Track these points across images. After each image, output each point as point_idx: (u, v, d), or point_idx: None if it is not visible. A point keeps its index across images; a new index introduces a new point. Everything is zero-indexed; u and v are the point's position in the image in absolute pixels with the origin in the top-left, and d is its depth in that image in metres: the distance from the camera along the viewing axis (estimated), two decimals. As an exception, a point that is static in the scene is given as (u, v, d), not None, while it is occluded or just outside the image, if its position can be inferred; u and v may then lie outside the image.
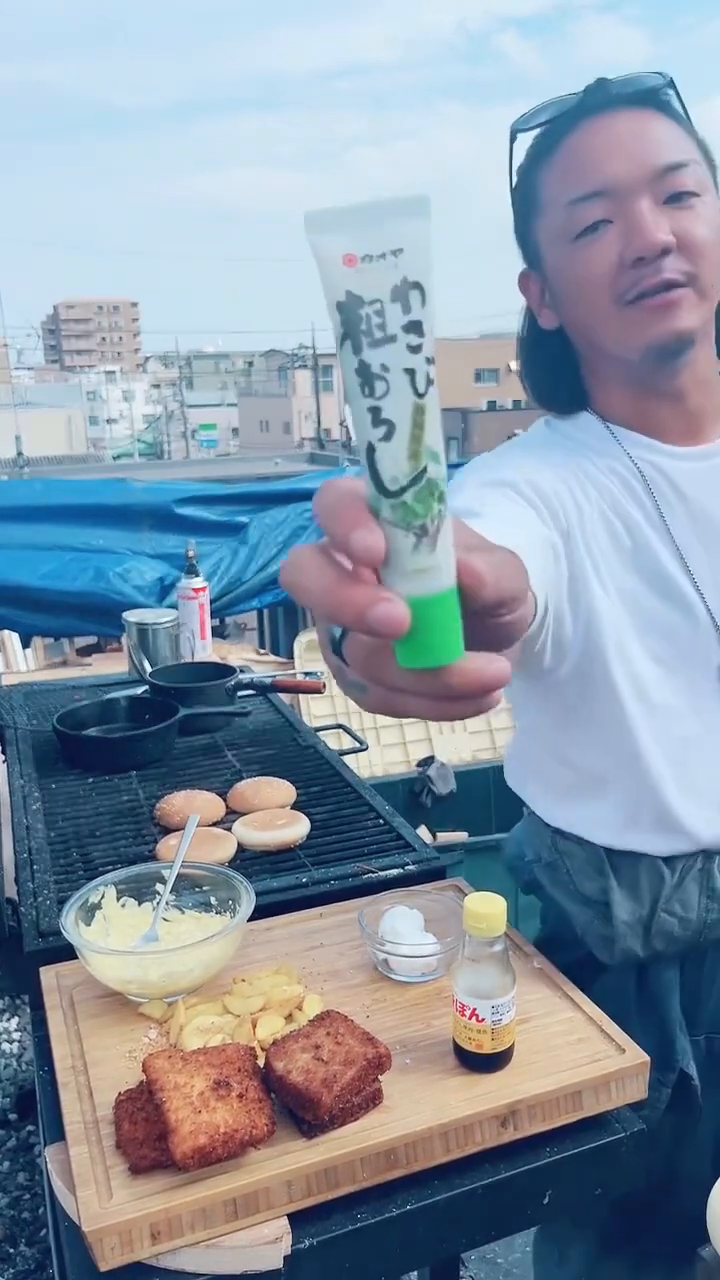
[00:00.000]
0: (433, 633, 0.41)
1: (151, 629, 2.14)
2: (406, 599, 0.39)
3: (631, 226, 0.88)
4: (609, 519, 0.96)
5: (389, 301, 0.38)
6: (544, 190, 0.95)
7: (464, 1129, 0.86)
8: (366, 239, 0.38)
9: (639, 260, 0.88)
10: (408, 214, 0.38)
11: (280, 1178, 0.80)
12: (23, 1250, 1.93)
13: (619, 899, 1.04)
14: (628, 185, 0.89)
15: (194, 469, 8.41)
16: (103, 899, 1.10)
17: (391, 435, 0.39)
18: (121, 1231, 0.76)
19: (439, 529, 0.40)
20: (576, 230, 0.91)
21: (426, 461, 0.39)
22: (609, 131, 0.91)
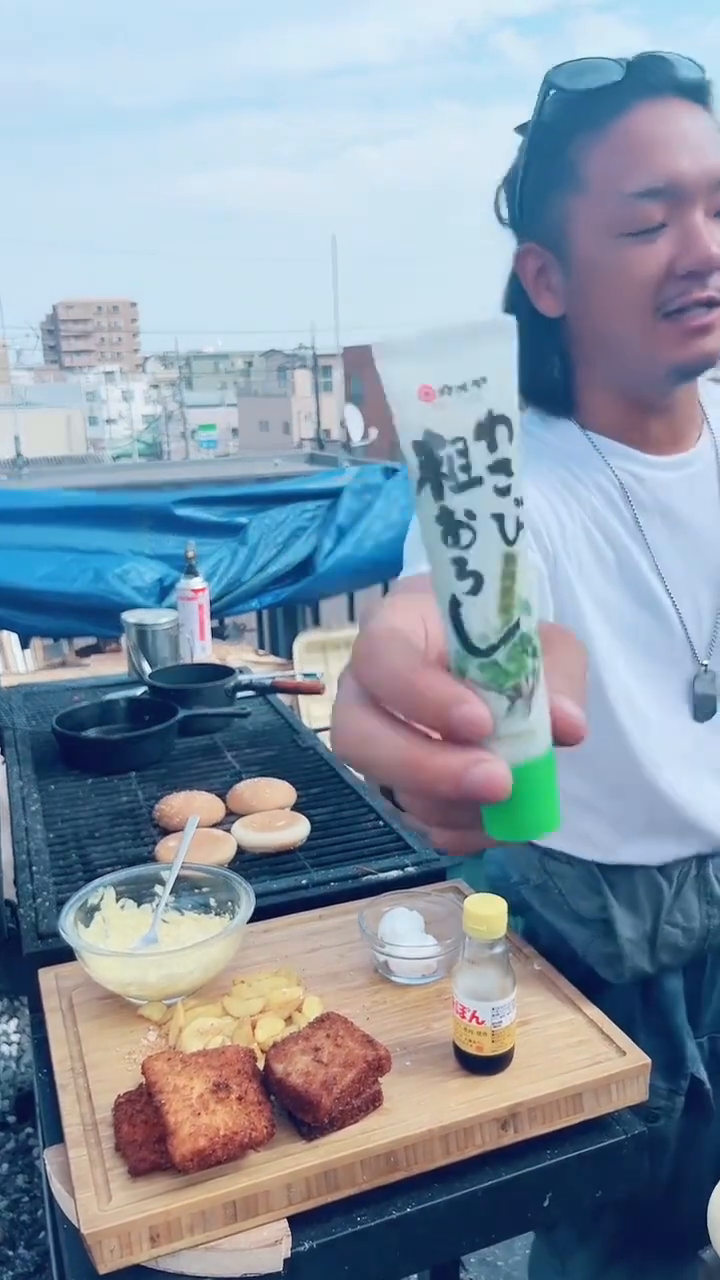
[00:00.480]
0: (529, 802, 0.37)
1: (151, 630, 2.14)
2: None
3: (689, 235, 0.84)
4: (590, 532, 0.95)
5: (473, 440, 0.34)
6: (588, 168, 0.87)
7: (464, 1131, 0.85)
8: (445, 368, 0.34)
9: (691, 273, 0.84)
10: (490, 338, 0.34)
11: (280, 1180, 0.80)
12: (21, 1253, 1.93)
13: (620, 915, 1.02)
14: (692, 188, 0.84)
15: (193, 469, 8.42)
16: (102, 901, 1.10)
17: (480, 588, 0.35)
18: (120, 1234, 0.76)
19: (534, 688, 0.36)
20: (632, 227, 0.85)
21: (519, 615, 0.36)
22: (674, 123, 0.84)
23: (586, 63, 0.86)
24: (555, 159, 0.89)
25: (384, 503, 3.49)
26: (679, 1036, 1.06)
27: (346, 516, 3.48)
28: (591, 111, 0.86)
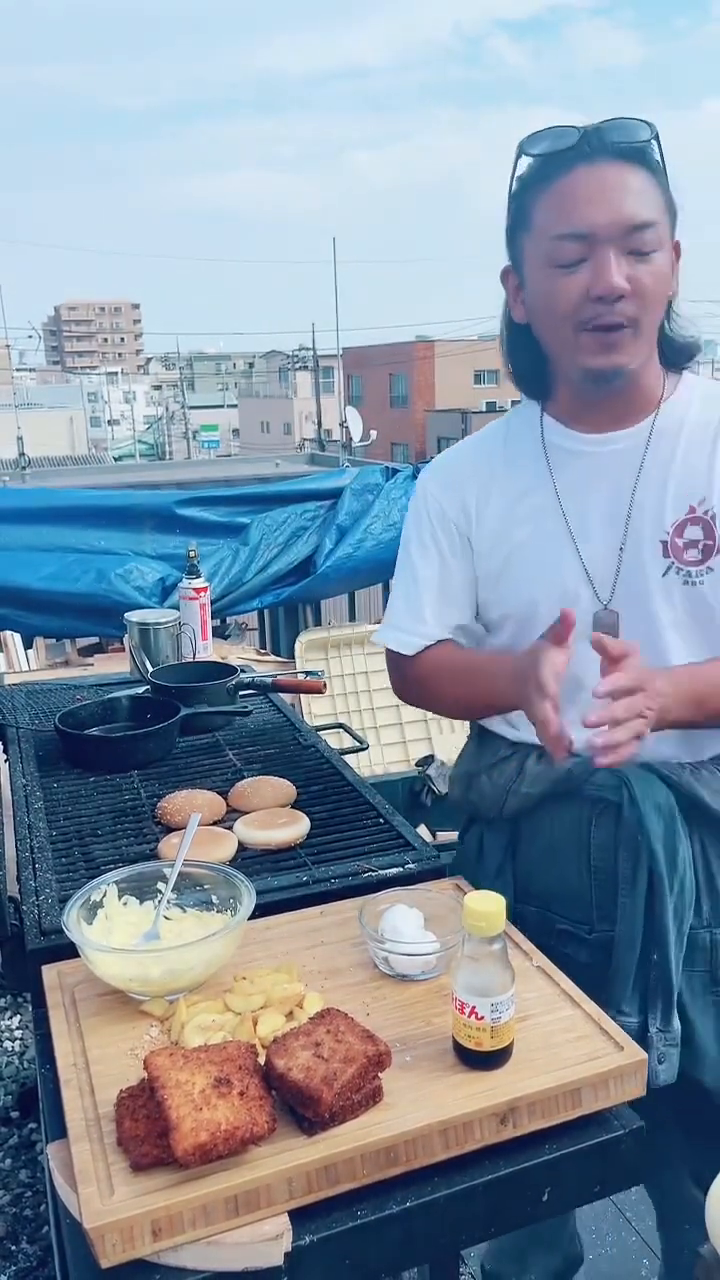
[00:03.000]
0: None
1: (153, 629, 2.15)
2: None
3: (599, 268, 1.07)
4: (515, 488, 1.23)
5: None
6: (535, 215, 1.12)
7: (464, 1126, 0.86)
8: None
9: (600, 298, 1.08)
10: None
11: (281, 1175, 0.80)
12: (24, 1247, 1.93)
13: (466, 756, 1.34)
14: (603, 234, 1.07)
15: (195, 470, 8.42)
16: (104, 897, 1.10)
17: None
18: (123, 1228, 0.76)
19: None
20: (557, 261, 1.10)
21: None
22: (597, 182, 1.08)
23: (547, 132, 1.11)
24: (519, 205, 1.14)
25: (384, 503, 3.49)
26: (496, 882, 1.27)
27: (347, 516, 3.48)
28: (544, 170, 1.11)
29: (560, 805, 1.22)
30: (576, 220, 1.07)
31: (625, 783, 1.17)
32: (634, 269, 1.07)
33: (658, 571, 1.17)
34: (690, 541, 1.16)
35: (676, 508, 1.17)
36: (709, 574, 1.16)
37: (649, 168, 1.09)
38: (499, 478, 1.25)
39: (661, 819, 1.15)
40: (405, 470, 3.65)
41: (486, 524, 1.25)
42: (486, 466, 1.27)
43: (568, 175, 1.08)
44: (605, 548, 1.19)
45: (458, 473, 1.29)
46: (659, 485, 1.17)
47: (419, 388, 36.93)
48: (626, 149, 1.08)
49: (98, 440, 44.51)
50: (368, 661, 3.28)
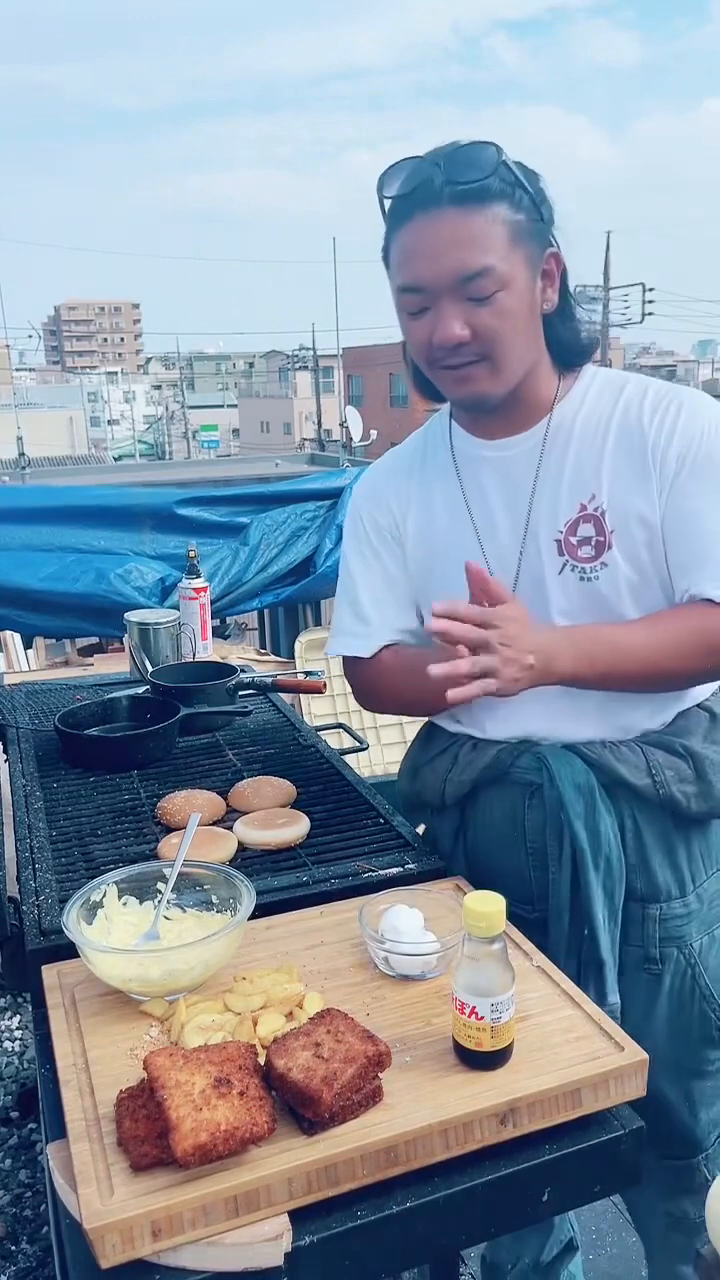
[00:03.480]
0: None
1: (153, 629, 2.15)
2: None
3: (436, 320, 1.13)
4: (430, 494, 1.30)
5: None
6: (388, 258, 1.17)
7: (464, 1126, 0.86)
8: None
9: (440, 347, 1.14)
10: None
11: (281, 1175, 0.80)
12: (24, 1248, 1.93)
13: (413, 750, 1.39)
14: (436, 287, 1.12)
15: (195, 470, 8.42)
16: (104, 898, 1.10)
17: None
18: (123, 1229, 0.76)
19: None
20: (404, 309, 1.17)
21: None
22: (431, 235, 1.10)
23: (397, 170, 1.13)
24: (385, 241, 1.17)
25: (385, 502, 3.49)
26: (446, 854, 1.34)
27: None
28: (393, 215, 1.15)
29: (497, 790, 1.27)
30: (410, 275, 1.13)
31: (544, 764, 1.21)
32: (474, 314, 1.11)
33: (554, 570, 1.21)
34: (583, 539, 1.19)
35: (569, 507, 1.20)
36: (603, 569, 1.19)
37: (491, 201, 1.10)
38: (417, 486, 1.32)
39: (581, 797, 1.18)
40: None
41: (410, 531, 1.31)
42: (406, 477, 1.34)
43: (407, 226, 1.12)
44: (508, 548, 1.24)
45: (383, 485, 1.36)
46: (553, 486, 1.21)
47: (419, 388, 36.88)
48: (464, 192, 1.09)
49: (98, 440, 44.50)
50: (368, 661, 3.27)
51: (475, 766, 1.27)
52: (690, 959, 1.25)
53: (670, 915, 1.23)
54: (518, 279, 1.13)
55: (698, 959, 1.25)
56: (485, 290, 1.11)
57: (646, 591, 1.19)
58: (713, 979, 1.26)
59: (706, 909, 1.26)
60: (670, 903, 1.23)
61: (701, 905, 1.25)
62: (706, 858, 1.26)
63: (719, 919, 1.27)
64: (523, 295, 1.14)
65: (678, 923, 1.24)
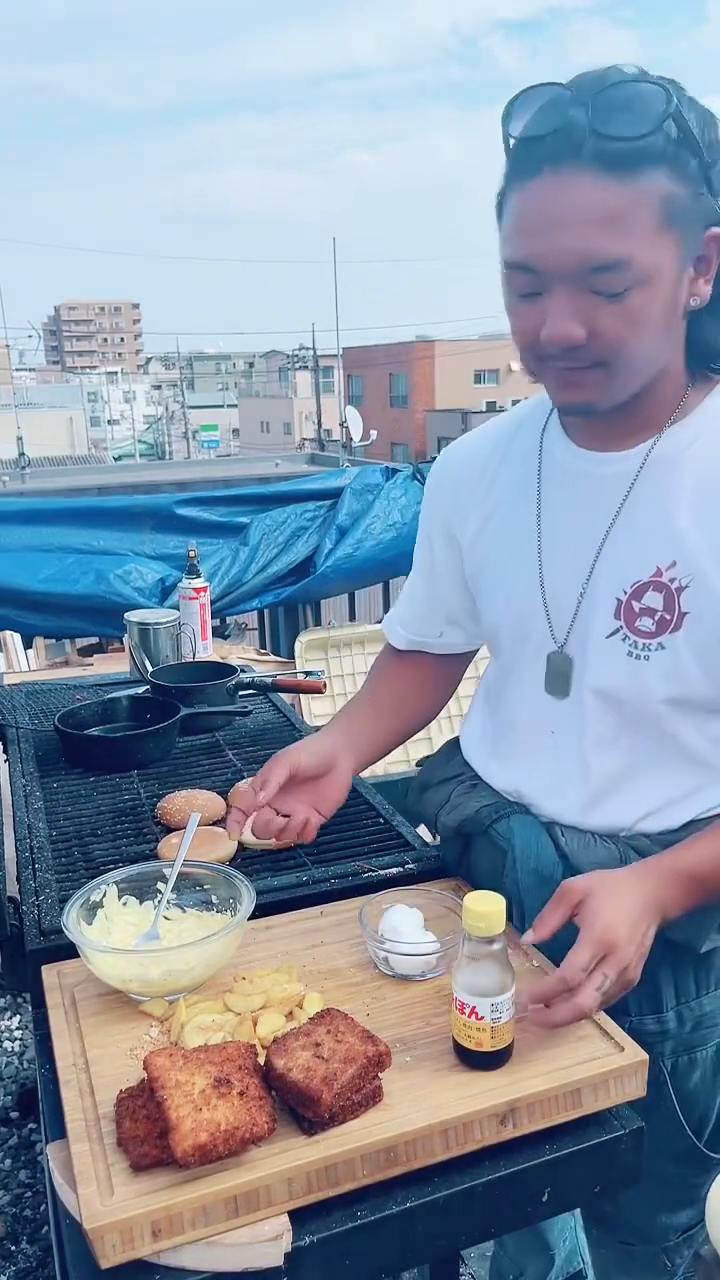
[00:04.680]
0: None
1: (153, 629, 2.15)
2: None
3: (550, 310, 0.89)
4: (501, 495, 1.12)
5: None
6: (502, 218, 0.93)
7: (464, 1127, 0.86)
8: None
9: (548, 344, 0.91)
10: None
11: (281, 1175, 0.80)
12: (24, 1248, 1.93)
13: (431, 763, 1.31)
14: (553, 272, 0.88)
15: (195, 469, 8.42)
16: (104, 898, 1.10)
17: None
18: (123, 1229, 0.76)
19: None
20: (512, 290, 0.93)
21: None
22: (555, 204, 0.86)
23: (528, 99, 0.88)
24: (500, 195, 0.93)
25: (384, 503, 3.49)
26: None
27: (347, 516, 3.49)
28: (514, 163, 0.90)
29: (484, 840, 1.17)
30: (522, 250, 0.89)
31: (510, 844, 1.10)
32: (597, 311, 0.88)
33: (603, 631, 1.02)
34: (646, 609, 0.99)
35: (641, 565, 0.99)
36: (658, 651, 0.98)
37: (647, 166, 0.84)
38: (490, 480, 1.13)
39: (540, 888, 1.05)
40: (405, 470, 3.65)
41: (471, 523, 1.14)
42: (483, 465, 1.14)
43: (530, 184, 0.87)
44: (570, 585, 1.04)
45: (456, 470, 1.18)
46: (631, 530, 1.00)
47: (419, 388, 36.94)
48: (613, 152, 0.83)
49: (97, 440, 44.51)
50: (368, 661, 3.26)
51: (459, 814, 1.17)
52: (659, 1077, 1.06)
53: (640, 1029, 1.05)
54: (662, 273, 0.87)
55: (667, 1078, 1.08)
56: (616, 286, 0.86)
57: (706, 686, 0.98)
58: (684, 1101, 1.09)
59: (688, 1031, 1.08)
60: (641, 1018, 1.06)
61: (681, 1026, 1.07)
62: (700, 978, 1.07)
63: (704, 1043, 1.09)
64: (665, 292, 0.88)
65: (648, 1038, 1.04)
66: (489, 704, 1.22)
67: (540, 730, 1.11)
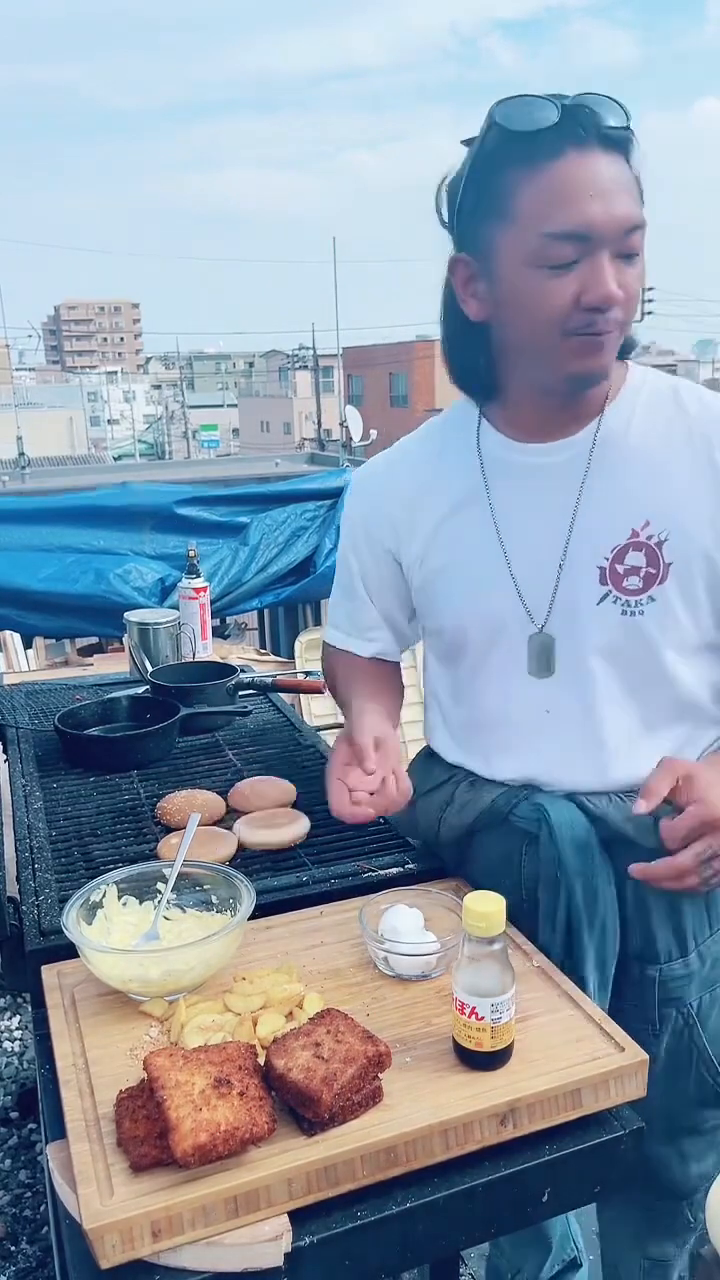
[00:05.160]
0: None
1: (152, 629, 2.15)
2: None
3: (595, 274, 0.97)
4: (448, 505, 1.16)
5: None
6: (518, 202, 0.98)
7: (464, 1127, 0.86)
8: None
9: (594, 308, 0.98)
10: None
11: (281, 1175, 0.80)
12: (24, 1248, 1.93)
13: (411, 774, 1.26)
14: (602, 234, 0.96)
15: (194, 469, 8.42)
16: (104, 898, 1.10)
17: None
18: (122, 1229, 0.76)
19: None
20: (549, 262, 0.98)
21: None
22: (595, 173, 0.96)
23: (527, 102, 0.97)
24: (490, 187, 1.01)
25: (385, 502, 3.50)
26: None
27: (347, 516, 3.49)
28: (526, 150, 0.97)
29: (493, 833, 1.19)
30: (576, 218, 0.95)
31: (543, 816, 1.12)
32: (623, 274, 0.98)
33: (592, 599, 1.09)
34: (631, 568, 1.07)
35: (618, 531, 1.07)
36: (650, 604, 1.07)
37: (630, 151, 0.98)
38: (430, 491, 1.17)
39: (579, 854, 1.10)
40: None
41: (416, 541, 1.18)
42: (415, 478, 1.19)
43: (559, 161, 0.95)
44: (542, 568, 1.10)
45: (385, 484, 1.22)
46: (600, 504, 1.08)
47: (419, 388, 36.94)
48: (614, 136, 0.96)
49: (97, 440, 44.51)
50: (367, 661, 3.27)
51: (472, 810, 1.19)
52: (689, 1019, 1.17)
53: (670, 976, 1.16)
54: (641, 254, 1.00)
55: (696, 1019, 1.17)
56: (637, 247, 0.98)
57: (695, 630, 1.09)
58: (711, 1039, 1.18)
59: (708, 969, 1.18)
60: (670, 964, 1.16)
61: (703, 965, 1.17)
62: (711, 914, 1.18)
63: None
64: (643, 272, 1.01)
65: (677, 984, 1.16)
66: (460, 705, 1.24)
67: (534, 712, 1.15)
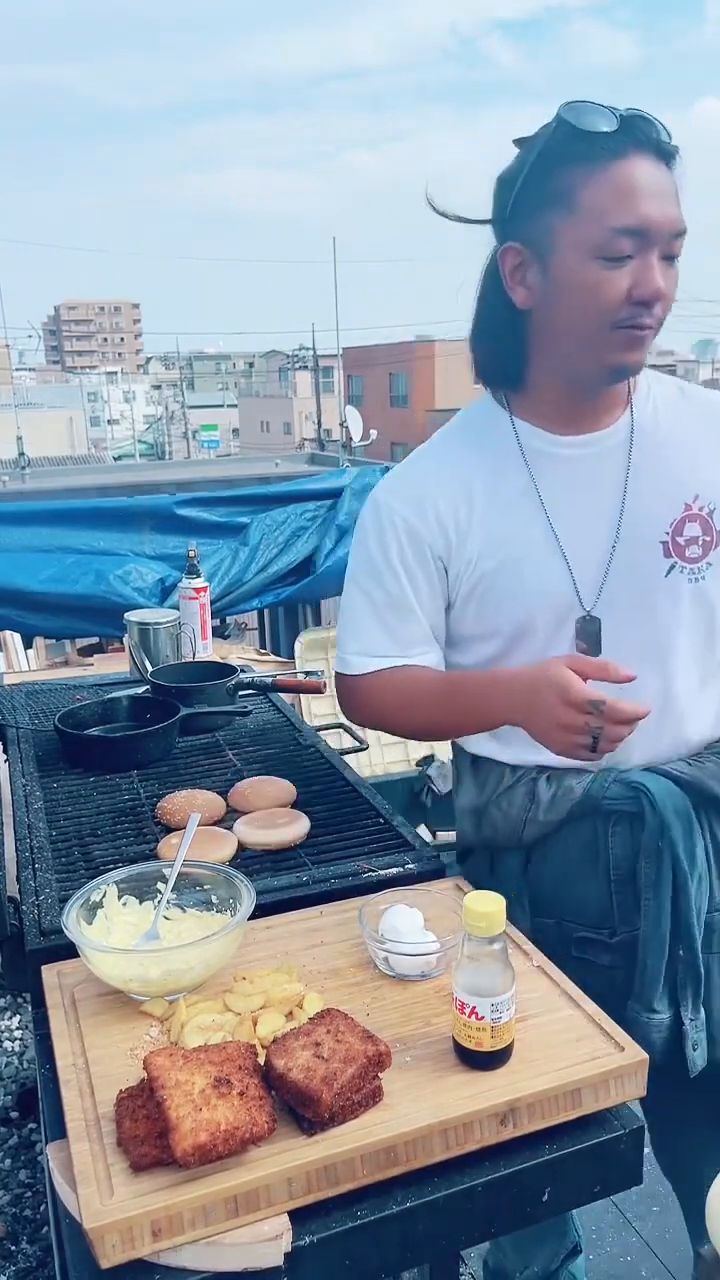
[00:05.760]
0: None
1: (153, 629, 2.15)
2: None
3: (646, 271, 1.05)
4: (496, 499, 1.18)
5: None
6: (581, 196, 1.05)
7: (464, 1126, 0.86)
8: None
9: (642, 301, 1.05)
10: None
11: (281, 1175, 0.80)
12: (24, 1248, 1.93)
13: (465, 788, 1.30)
14: (656, 233, 1.04)
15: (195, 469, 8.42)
16: (104, 898, 1.10)
17: None
18: (123, 1229, 0.76)
19: None
20: (608, 254, 1.05)
21: None
22: (655, 177, 1.04)
23: (592, 107, 1.05)
24: (552, 181, 1.07)
25: (385, 502, 3.50)
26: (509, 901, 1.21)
27: (347, 516, 3.49)
28: (591, 149, 1.04)
29: (575, 823, 1.20)
30: (639, 215, 1.03)
31: (644, 792, 1.16)
32: (666, 275, 1.06)
33: (659, 572, 1.17)
34: (690, 539, 1.17)
35: (673, 507, 1.17)
36: (709, 568, 1.18)
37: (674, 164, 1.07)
38: (479, 492, 1.19)
39: (680, 822, 1.16)
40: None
41: (471, 541, 1.19)
42: (460, 480, 1.20)
43: (624, 161, 1.03)
44: (594, 553, 1.17)
45: (427, 488, 1.20)
46: (651, 485, 1.17)
47: (419, 388, 36.93)
48: (665, 147, 1.05)
49: (97, 440, 44.50)
50: (367, 661, 3.27)
51: (565, 802, 1.19)
52: None
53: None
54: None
55: None
56: (679, 252, 1.07)
57: None
58: None
59: None
60: None
61: None
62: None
63: None
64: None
65: None
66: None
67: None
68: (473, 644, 1.24)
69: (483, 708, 1.18)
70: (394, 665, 1.24)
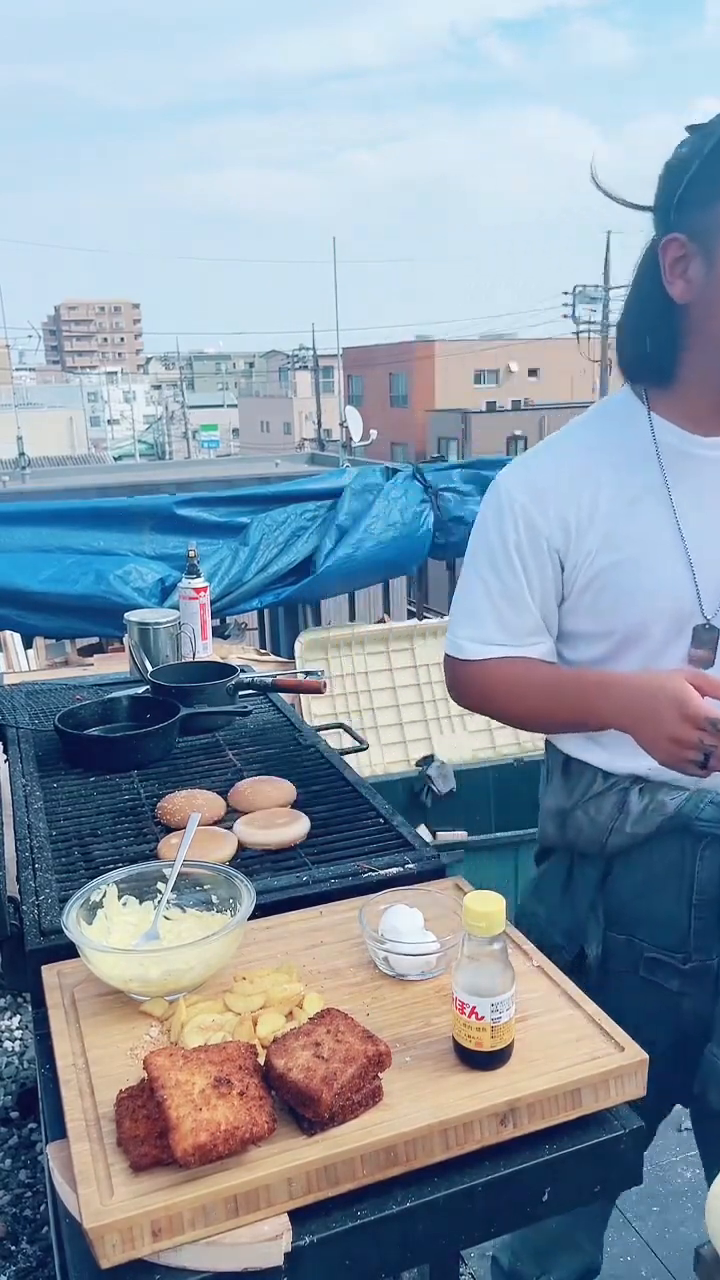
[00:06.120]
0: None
1: (153, 629, 2.15)
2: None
3: None
4: (622, 496, 1.14)
5: None
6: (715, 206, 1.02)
7: (464, 1126, 0.86)
8: None
9: None
10: None
11: (281, 1175, 0.80)
12: (24, 1248, 1.93)
13: (554, 789, 1.26)
14: None
15: (195, 469, 8.42)
16: (104, 898, 1.10)
17: None
18: (123, 1229, 0.76)
19: None
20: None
21: None
22: None
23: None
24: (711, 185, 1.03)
25: (384, 503, 3.49)
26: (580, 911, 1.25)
27: (347, 516, 3.49)
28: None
29: (662, 840, 1.18)
30: None
31: None
32: None
33: None
34: None
35: None
36: None
37: None
38: (605, 487, 1.15)
39: None
40: (405, 470, 3.66)
41: (590, 535, 1.15)
42: (588, 475, 1.16)
43: None
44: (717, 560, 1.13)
45: (553, 482, 1.17)
46: None
47: (419, 388, 36.93)
48: None
49: (97, 440, 44.50)
50: (368, 661, 3.28)
51: (655, 816, 1.17)
52: None
53: None
54: None
55: None
56: None
57: None
58: None
59: None
60: None
61: None
62: None
63: None
64: None
65: None
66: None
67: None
68: (583, 642, 1.21)
69: (591, 707, 1.15)
70: (505, 655, 1.22)
